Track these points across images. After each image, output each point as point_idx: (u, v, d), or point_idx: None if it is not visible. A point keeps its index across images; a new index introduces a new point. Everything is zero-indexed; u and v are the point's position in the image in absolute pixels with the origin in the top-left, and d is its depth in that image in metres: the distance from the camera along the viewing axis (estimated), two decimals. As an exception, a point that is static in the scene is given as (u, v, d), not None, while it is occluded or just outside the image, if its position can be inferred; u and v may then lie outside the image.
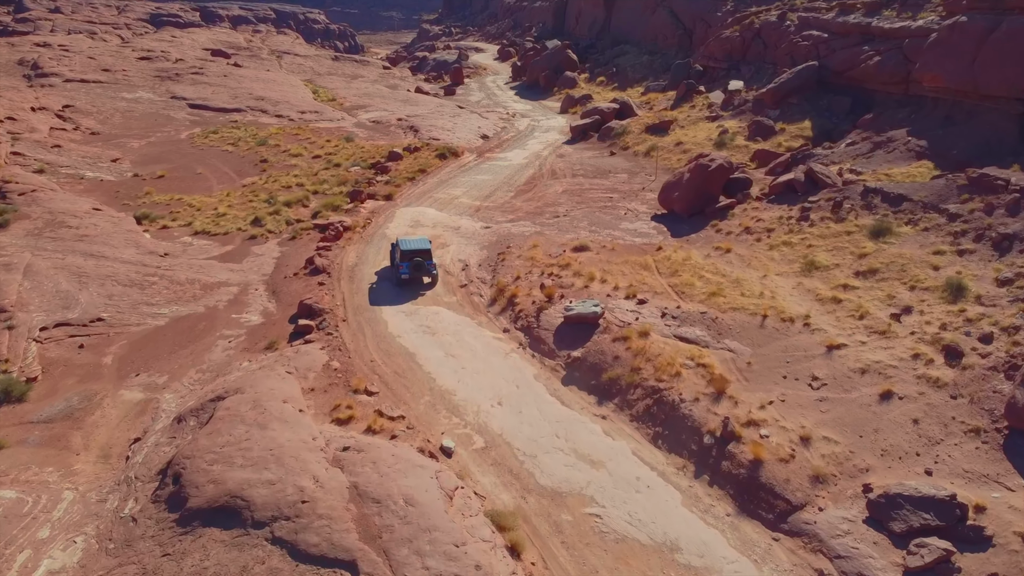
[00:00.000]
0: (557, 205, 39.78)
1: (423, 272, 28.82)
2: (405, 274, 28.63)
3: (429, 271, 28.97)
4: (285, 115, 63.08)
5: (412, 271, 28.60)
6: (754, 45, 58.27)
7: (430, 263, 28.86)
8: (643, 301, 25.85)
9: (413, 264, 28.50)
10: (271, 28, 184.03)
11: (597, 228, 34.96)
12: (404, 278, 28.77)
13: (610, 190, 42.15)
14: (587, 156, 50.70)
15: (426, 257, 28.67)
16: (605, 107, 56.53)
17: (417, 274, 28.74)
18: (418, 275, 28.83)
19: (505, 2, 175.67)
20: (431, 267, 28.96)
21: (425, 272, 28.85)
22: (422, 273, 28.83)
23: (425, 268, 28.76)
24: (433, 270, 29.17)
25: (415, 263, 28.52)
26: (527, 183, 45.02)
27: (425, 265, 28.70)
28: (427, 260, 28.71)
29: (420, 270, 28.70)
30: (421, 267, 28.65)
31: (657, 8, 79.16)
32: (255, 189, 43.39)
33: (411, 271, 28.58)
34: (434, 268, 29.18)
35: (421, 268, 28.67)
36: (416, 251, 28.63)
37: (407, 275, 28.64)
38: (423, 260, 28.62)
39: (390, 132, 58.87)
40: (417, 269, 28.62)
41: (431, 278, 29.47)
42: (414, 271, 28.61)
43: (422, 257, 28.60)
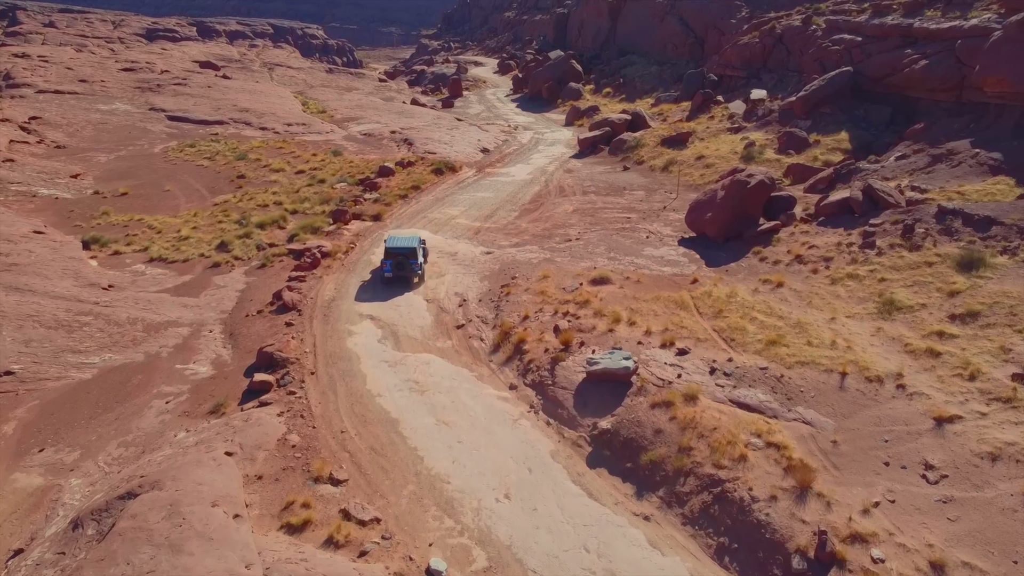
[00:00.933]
0: (568, 227, 34.48)
1: (406, 271, 27.48)
2: (388, 272, 27.50)
3: (413, 270, 27.57)
4: (270, 128, 57.94)
5: (395, 270, 27.42)
6: (776, 51, 53.25)
7: (414, 262, 27.45)
8: (684, 351, 20.46)
9: (396, 263, 27.32)
10: (268, 43, 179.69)
11: (617, 255, 29.63)
12: (387, 276, 27.61)
13: (627, 209, 36.88)
14: (598, 171, 45.48)
15: (410, 256, 27.36)
16: (616, 118, 51.39)
17: (400, 272, 27.47)
18: (401, 274, 27.52)
19: (504, 16, 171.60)
20: (415, 266, 27.52)
21: (409, 271, 27.51)
22: (405, 272, 27.49)
23: (408, 267, 27.44)
24: (418, 269, 27.67)
25: (397, 262, 27.30)
26: (533, 201, 39.76)
27: (408, 264, 27.38)
28: (411, 259, 27.37)
29: (403, 268, 27.41)
30: (404, 265, 27.37)
31: (666, 16, 74.32)
32: (227, 208, 38.09)
33: (394, 270, 27.42)
34: (419, 268, 27.74)
35: (404, 267, 27.39)
36: (399, 249, 27.43)
37: (390, 274, 27.51)
38: (406, 259, 27.31)
39: (382, 145, 53.69)
40: (400, 268, 27.38)
41: (418, 277, 28.00)
42: (396, 270, 27.42)
43: (405, 255, 27.32)
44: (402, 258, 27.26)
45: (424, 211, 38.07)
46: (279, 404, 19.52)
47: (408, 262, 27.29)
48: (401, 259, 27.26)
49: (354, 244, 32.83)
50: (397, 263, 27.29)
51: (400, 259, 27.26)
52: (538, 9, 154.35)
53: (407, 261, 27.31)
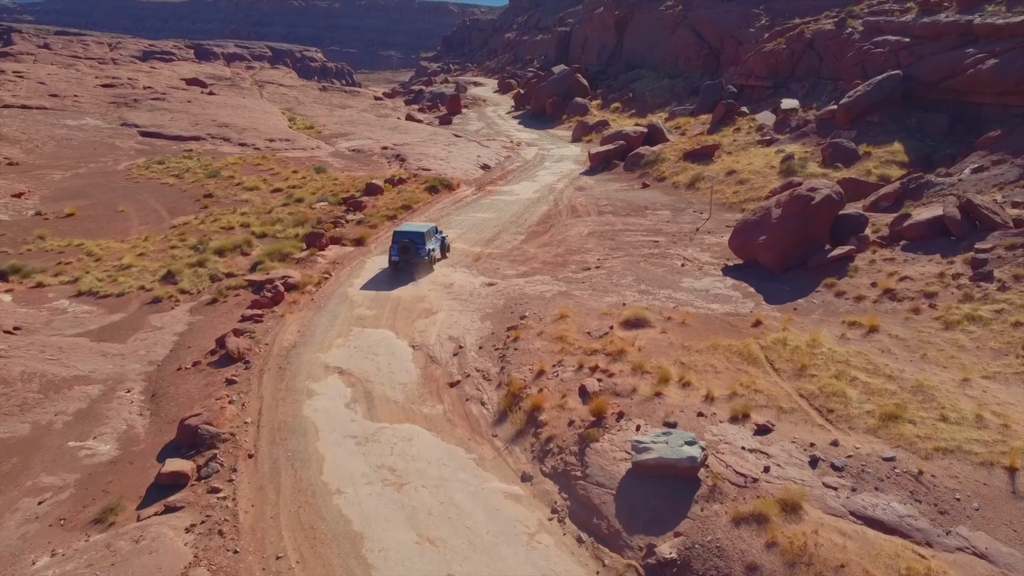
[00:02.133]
0: (585, 252, 28.63)
1: (412, 256, 26.01)
2: (394, 256, 26.24)
3: (419, 255, 26.07)
4: (250, 143, 52.34)
5: (400, 254, 26.04)
6: (806, 58, 47.83)
7: (420, 247, 25.98)
8: (766, 428, 14.47)
9: (401, 247, 25.94)
10: (266, 65, 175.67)
11: (649, 287, 23.72)
12: (393, 260, 26.35)
13: (652, 232, 31.06)
14: (613, 189, 39.75)
15: (417, 241, 25.97)
16: (631, 131, 45.80)
17: (405, 257, 26.06)
18: (406, 258, 26.07)
19: (504, 37, 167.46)
20: (421, 251, 26.01)
21: (414, 255, 26.03)
22: (411, 257, 26.05)
23: (414, 251, 25.96)
24: (424, 255, 26.15)
25: (403, 246, 25.89)
26: (541, 222, 33.95)
27: (415, 248, 25.92)
28: (418, 244, 25.95)
29: (408, 253, 25.97)
30: (409, 250, 25.92)
31: (677, 28, 69.22)
32: (185, 232, 32.23)
33: (400, 254, 26.05)
34: (426, 254, 26.22)
35: (409, 251, 25.94)
36: (407, 234, 26.23)
37: (396, 258, 26.22)
38: (412, 243, 25.88)
39: (372, 162, 48.04)
40: (405, 252, 25.96)
41: (423, 262, 26.38)
42: (402, 254, 26.02)
43: (412, 240, 25.94)
44: (408, 242, 25.81)
45: (415, 234, 32.25)
46: (192, 510, 13.45)
47: (415, 247, 25.83)
48: (407, 243, 25.82)
49: (329, 274, 26.93)
50: (403, 247, 25.87)
51: (406, 243, 25.82)
52: (539, 29, 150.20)
53: (413, 246, 25.83)
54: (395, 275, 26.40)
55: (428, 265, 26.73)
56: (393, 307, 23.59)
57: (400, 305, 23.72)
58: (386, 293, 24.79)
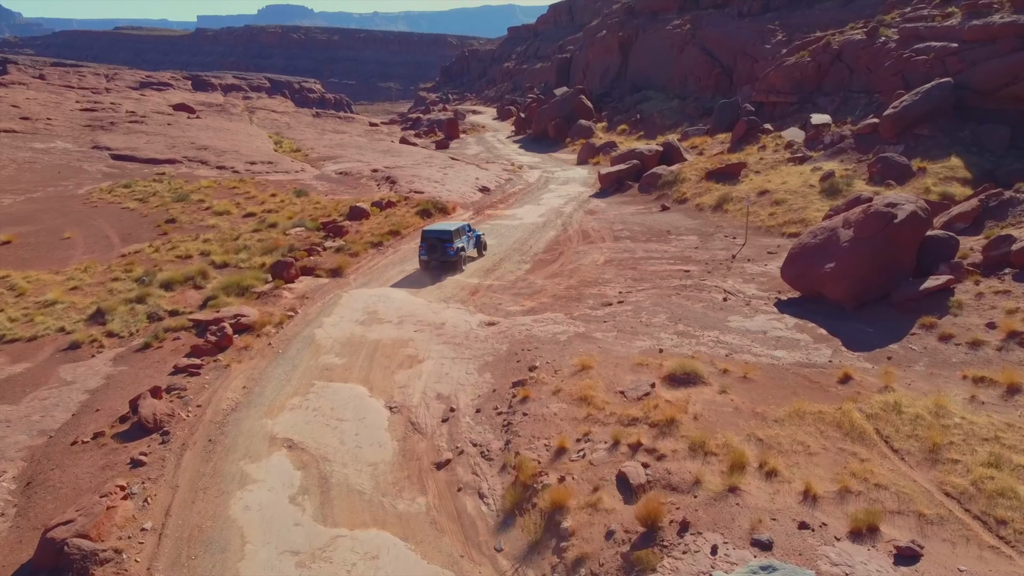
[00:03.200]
0: (603, 284, 23.75)
1: (440, 254, 25.33)
2: (423, 256, 25.60)
3: (447, 254, 25.34)
4: (229, 166, 47.80)
5: (429, 253, 25.39)
6: (834, 71, 43.54)
7: (448, 246, 25.30)
8: (911, 553, 9.44)
9: (429, 246, 25.33)
10: (263, 95, 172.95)
11: (690, 328, 18.81)
12: (423, 259, 25.68)
13: (679, 260, 26.25)
14: (629, 212, 35.04)
15: (446, 240, 25.29)
16: (645, 150, 41.27)
17: (434, 256, 25.37)
18: (435, 257, 25.38)
19: (504, 67, 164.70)
20: (449, 249, 25.30)
21: (442, 255, 25.33)
22: (439, 256, 25.34)
23: (442, 250, 25.29)
24: (453, 255, 25.40)
25: (431, 244, 25.31)
26: (549, 250, 29.14)
27: (443, 247, 25.28)
28: (446, 243, 25.25)
29: (436, 252, 25.32)
30: (437, 248, 25.29)
31: (686, 47, 65.31)
32: (134, 261, 27.39)
33: (428, 253, 25.40)
34: (454, 251, 25.41)
35: (437, 250, 25.30)
36: (436, 232, 25.64)
37: (425, 257, 25.56)
38: (440, 242, 25.26)
39: (359, 185, 43.44)
40: (433, 251, 25.32)
41: (451, 261, 25.52)
42: (430, 253, 25.38)
43: (440, 239, 25.31)
44: (436, 241, 25.08)
45: (402, 263, 27.43)
46: None
47: (443, 245, 25.06)
48: (435, 242, 25.09)
49: (294, 311, 22.00)
50: (431, 246, 25.16)
51: (434, 242, 25.09)
52: (538, 58, 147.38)
53: (441, 244, 25.07)
54: (371, 324, 21.51)
55: (458, 264, 25.76)
56: (369, 353, 18.68)
57: (378, 350, 18.81)
58: (362, 334, 19.87)
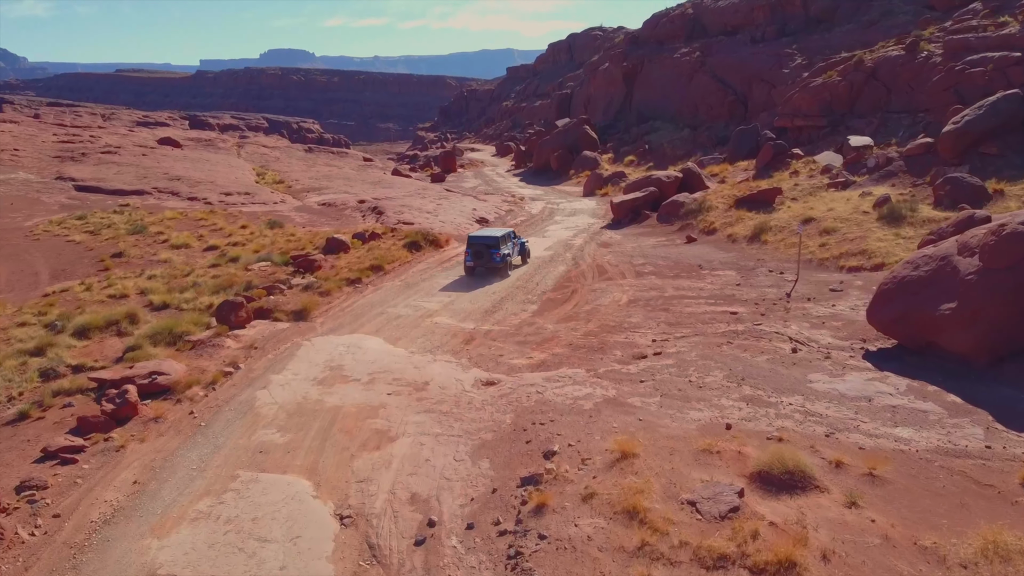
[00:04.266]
0: (631, 330, 18.68)
1: (486, 261, 24.69)
2: (469, 262, 25.02)
3: (494, 260, 24.67)
4: (201, 198, 43.12)
5: (475, 259, 24.78)
6: (868, 90, 39.20)
7: (495, 251, 24.68)
8: None
9: (475, 252, 24.73)
10: (260, 135, 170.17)
11: (761, 391, 13.68)
12: (468, 266, 25.08)
13: (721, 299, 21.24)
14: (649, 245, 30.17)
15: (491, 246, 24.67)
16: (664, 176, 36.63)
17: (480, 263, 24.76)
18: (481, 263, 24.78)
19: (503, 106, 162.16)
20: (495, 256, 24.67)
21: (488, 261, 24.68)
22: (485, 262, 24.71)
23: (488, 256, 24.63)
24: (499, 260, 24.70)
25: (476, 250, 24.70)
26: (559, 287, 24.13)
27: (488, 253, 24.64)
28: (492, 249, 24.64)
29: (482, 258, 24.67)
30: (483, 255, 24.64)
31: (695, 75, 61.42)
32: (55, 301, 22.34)
33: (474, 259, 24.79)
34: (500, 258, 24.72)
35: (483, 256, 24.65)
36: (482, 238, 25.07)
37: (471, 263, 24.98)
38: (486, 247, 24.63)
39: (343, 216, 38.66)
40: (479, 257, 24.70)
41: (496, 267, 24.90)
42: (476, 259, 24.75)
43: (486, 245, 24.69)
44: (482, 247, 24.80)
45: (382, 304, 22.39)
46: None
47: (488, 252, 24.75)
48: (481, 248, 24.79)
49: (236, 366, 16.86)
50: (476, 252, 24.85)
51: (480, 248, 24.79)
52: (537, 96, 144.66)
53: (487, 251, 24.76)
54: (332, 381, 16.41)
55: (504, 270, 25.30)
56: (324, 427, 13.53)
57: (336, 423, 13.66)
58: (319, 398, 14.76)
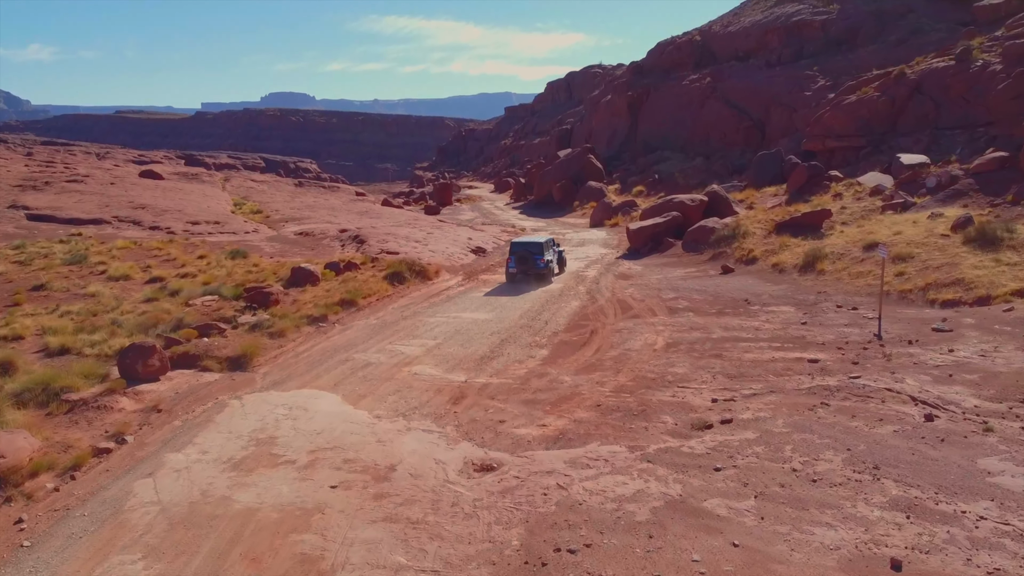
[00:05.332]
0: (678, 384, 13.47)
1: (530, 266, 24.31)
2: (512, 268, 24.69)
3: (537, 266, 24.33)
4: (164, 227, 38.23)
5: (518, 265, 24.47)
6: (913, 104, 34.71)
7: (538, 257, 24.35)
8: None
9: (518, 257, 24.48)
10: (268, 180, 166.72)
11: (922, 492, 8.50)
12: (511, 272, 24.71)
13: (786, 342, 16.08)
14: (677, 276, 25.11)
15: (535, 252, 24.46)
16: (687, 200, 31.83)
17: (523, 268, 24.39)
18: (524, 269, 24.37)
19: (501, 144, 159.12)
20: (539, 262, 24.30)
21: (532, 267, 24.30)
22: (528, 268, 24.34)
23: (532, 263, 24.31)
24: (542, 267, 24.30)
25: (520, 256, 24.46)
26: (574, 325, 18.94)
27: (532, 259, 24.33)
28: (536, 255, 24.35)
29: (526, 264, 24.32)
30: (527, 261, 24.33)
31: (707, 101, 57.30)
32: (-74, 345, 17.15)
33: (517, 265, 24.49)
34: (543, 264, 24.31)
35: (527, 262, 24.32)
36: (525, 244, 25.30)
37: (514, 269, 24.63)
38: (531, 254, 24.37)
39: (320, 246, 33.64)
40: (523, 263, 24.37)
41: (540, 274, 24.39)
42: (519, 265, 24.45)
43: (530, 251, 24.50)
44: (526, 253, 24.31)
45: (350, 347, 17.19)
46: None
47: (532, 258, 24.20)
48: (525, 254, 24.31)
49: (121, 439, 11.59)
50: (520, 258, 24.32)
51: (524, 254, 24.32)
52: (536, 134, 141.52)
53: (531, 257, 24.21)
54: (251, 469, 11.20)
55: (547, 276, 24.89)
56: (219, 548, 8.24)
57: (240, 542, 8.37)
58: (225, 495, 9.52)
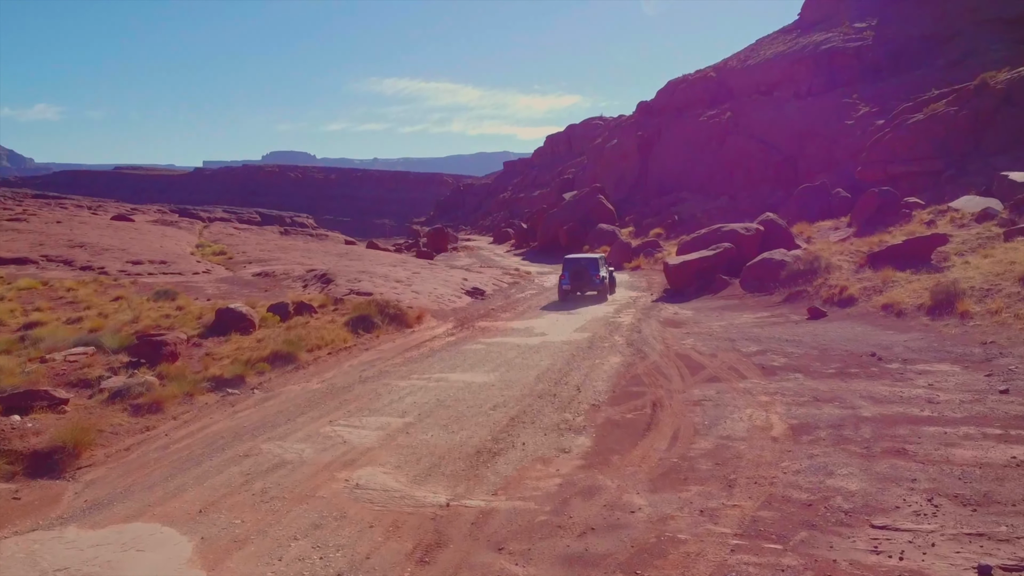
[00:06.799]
0: (869, 516, 6.36)
1: (585, 282, 23.92)
2: (566, 284, 24.29)
3: (592, 283, 23.92)
4: (99, 267, 31.39)
5: (573, 281, 24.09)
6: (1002, 118, 28.45)
7: (594, 273, 23.90)
8: None
9: (573, 273, 24.08)
10: (251, 228, 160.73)
11: None
12: (564, 288, 24.28)
13: (998, 424, 9.02)
14: (747, 322, 18.09)
15: (591, 268, 23.96)
16: (741, 229, 25.19)
17: (578, 284, 24.04)
18: (579, 284, 24.01)
19: (500, 197, 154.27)
20: (595, 278, 23.88)
21: (587, 283, 23.95)
22: (583, 282, 23.95)
23: (588, 279, 23.92)
24: (598, 282, 23.82)
25: (575, 271, 24.02)
26: (621, 392, 11.81)
27: (588, 275, 23.89)
28: (591, 271, 23.89)
29: (581, 280, 23.93)
30: (583, 276, 23.91)
31: (727, 138, 51.46)
32: None
33: (572, 281, 24.11)
34: (600, 280, 23.87)
35: (583, 278, 23.91)
36: (580, 260, 24.73)
37: (568, 285, 24.22)
38: (586, 270, 23.88)
39: (277, 286, 26.63)
40: (578, 279, 23.96)
41: (595, 290, 24.06)
42: (574, 281, 24.05)
43: (585, 267, 24.00)
44: (581, 269, 23.77)
45: (262, 430, 10.02)
46: None
47: (588, 274, 23.65)
48: (580, 270, 23.77)
49: None
50: (575, 273, 23.81)
51: (579, 270, 23.78)
52: (536, 187, 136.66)
53: (587, 273, 23.67)
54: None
55: (604, 292, 23.96)
56: None
57: None
58: None
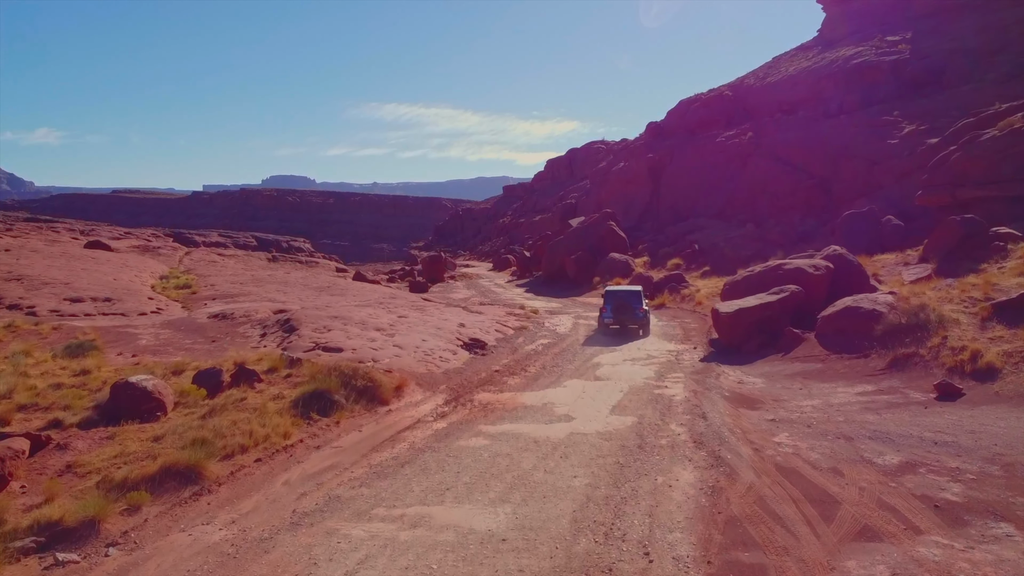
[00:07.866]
0: None
1: (628, 316, 23.01)
2: (607, 318, 23.41)
3: (635, 317, 23.02)
4: (28, 305, 26.10)
5: (615, 314, 23.14)
6: (1108, 137, 23.51)
7: (637, 306, 23.06)
8: None
9: (616, 306, 23.17)
10: (239, 254, 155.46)
11: None
12: (606, 322, 23.44)
13: None
14: (851, 402, 12.82)
15: (634, 302, 23.04)
16: (809, 268, 19.99)
17: (621, 317, 23.07)
18: (622, 318, 23.05)
19: (499, 222, 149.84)
20: (637, 311, 23.02)
21: (630, 316, 23.03)
22: (626, 316, 23.04)
23: (631, 312, 23.02)
24: (640, 315, 23.03)
25: (618, 304, 23.14)
26: (721, 566, 6.70)
27: (631, 308, 23.04)
28: (634, 304, 23.02)
29: (624, 313, 23.00)
30: (626, 310, 23.04)
31: (750, 159, 46.65)
32: None
33: (615, 314, 23.16)
34: (642, 314, 23.09)
35: (626, 311, 23.02)
36: (622, 293, 23.73)
37: (610, 319, 23.32)
38: (629, 304, 23.00)
39: (232, 334, 21.34)
40: (621, 312, 23.05)
41: (638, 324, 23.06)
42: (617, 314, 23.11)
43: (627, 301, 23.05)
44: (624, 303, 22.85)
45: None
46: None
47: (631, 307, 22.83)
48: (623, 303, 22.87)
49: None
50: (618, 307, 22.93)
51: (622, 303, 22.88)
52: (536, 211, 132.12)
53: (630, 307, 22.83)
54: None
55: (646, 327, 23.15)
56: None
57: None
58: None
